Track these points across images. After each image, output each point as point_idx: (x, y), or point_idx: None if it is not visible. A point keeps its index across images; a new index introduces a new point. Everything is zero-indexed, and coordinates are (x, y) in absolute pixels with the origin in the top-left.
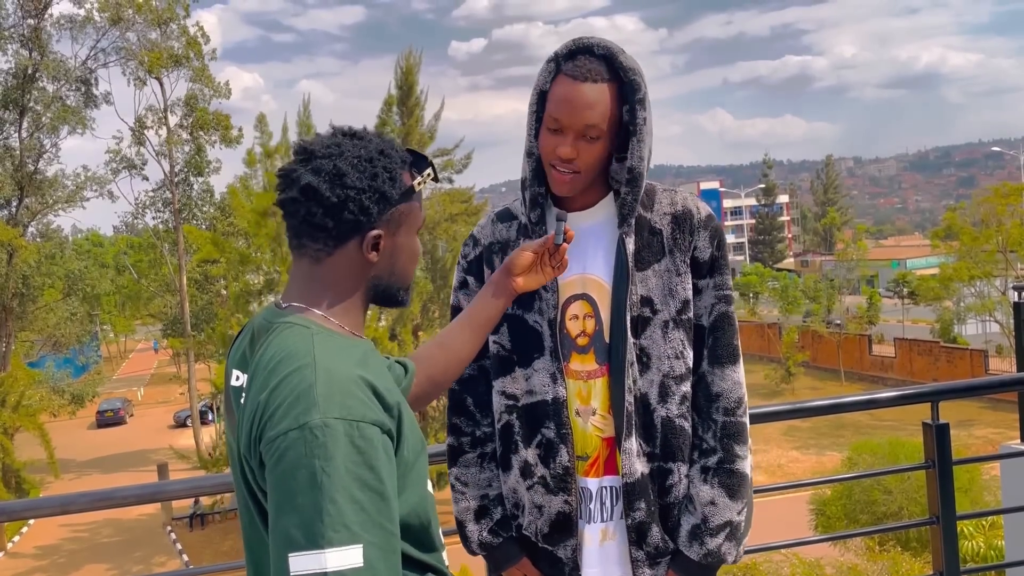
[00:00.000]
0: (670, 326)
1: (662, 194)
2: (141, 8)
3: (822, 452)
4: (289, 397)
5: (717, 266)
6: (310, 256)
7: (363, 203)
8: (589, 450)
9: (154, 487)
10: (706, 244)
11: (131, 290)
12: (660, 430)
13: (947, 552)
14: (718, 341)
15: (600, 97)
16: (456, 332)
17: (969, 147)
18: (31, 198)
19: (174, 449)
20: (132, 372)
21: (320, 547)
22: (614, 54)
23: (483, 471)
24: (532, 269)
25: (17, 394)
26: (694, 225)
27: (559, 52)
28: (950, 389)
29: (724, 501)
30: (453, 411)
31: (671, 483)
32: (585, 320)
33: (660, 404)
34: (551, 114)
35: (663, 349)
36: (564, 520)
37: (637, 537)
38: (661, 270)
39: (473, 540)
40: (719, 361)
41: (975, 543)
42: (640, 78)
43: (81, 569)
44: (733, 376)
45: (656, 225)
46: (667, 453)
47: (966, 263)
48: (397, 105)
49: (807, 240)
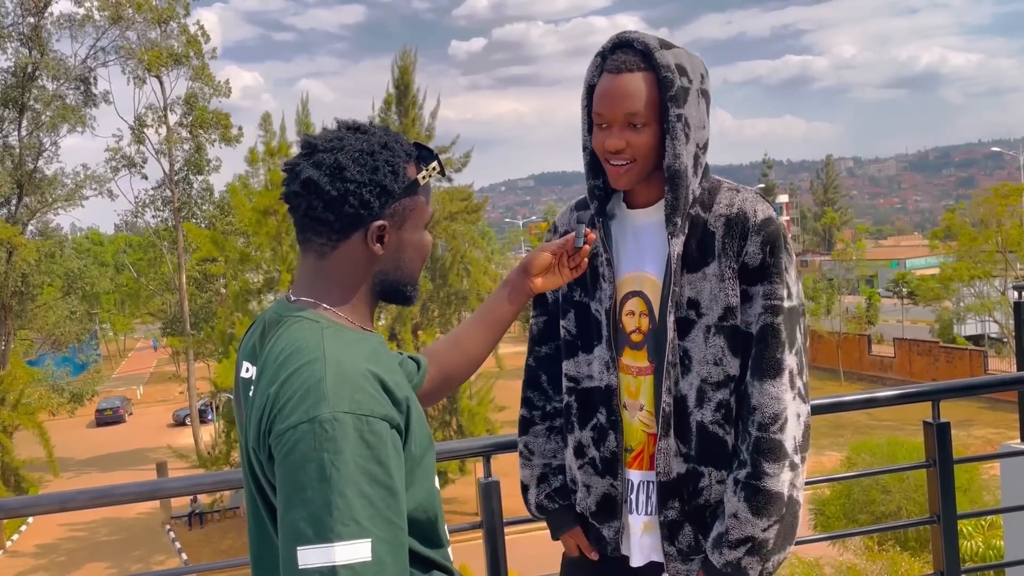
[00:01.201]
0: (712, 331)
1: (724, 194)
2: (141, 7)
3: (821, 452)
4: (299, 391)
5: (767, 274)
6: (315, 250)
7: (363, 196)
8: (634, 443)
9: (152, 485)
10: (757, 250)
11: (131, 288)
12: (695, 434)
13: (947, 551)
14: (761, 353)
15: (637, 85)
16: (471, 330)
17: (969, 147)
18: (30, 196)
19: (172, 448)
20: (131, 371)
21: (329, 541)
22: (651, 49)
23: (549, 442)
24: (550, 270)
25: (16, 392)
26: (747, 229)
27: (604, 47)
28: (951, 388)
29: (746, 516)
30: (528, 385)
31: (702, 486)
32: (640, 317)
33: (696, 408)
34: (596, 111)
35: (704, 354)
36: (609, 502)
37: (669, 533)
38: (710, 273)
39: (532, 503)
40: (759, 374)
41: (974, 543)
42: (674, 74)
43: (80, 568)
44: (772, 391)
45: (711, 227)
46: (701, 456)
47: (965, 263)
48: (395, 104)
49: (807, 240)
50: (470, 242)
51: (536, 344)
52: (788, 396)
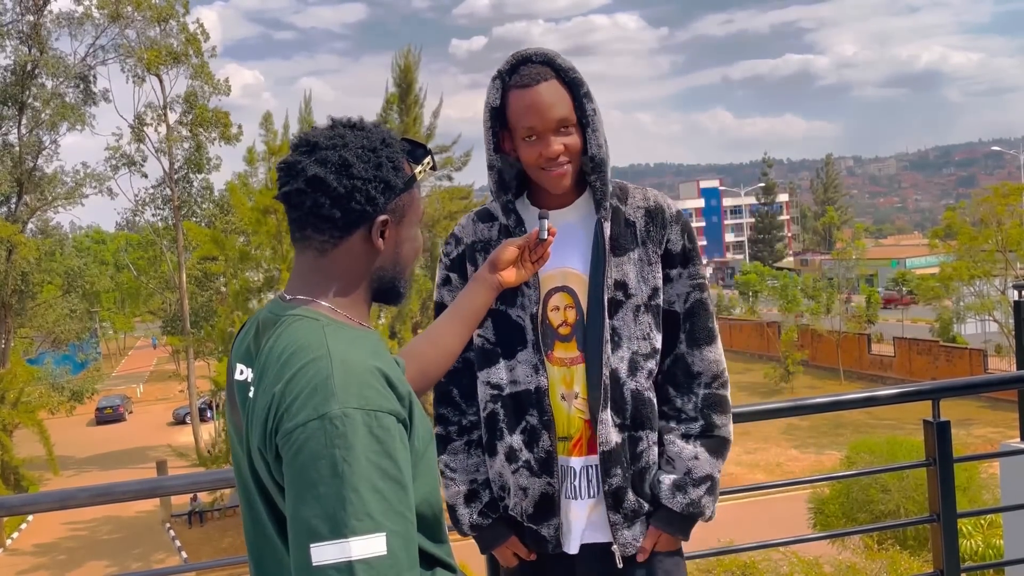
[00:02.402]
0: (641, 310)
1: (635, 190)
2: (140, 5)
3: (821, 451)
4: (307, 388)
5: (690, 257)
6: (315, 248)
7: (369, 193)
8: (572, 431)
9: (152, 483)
10: (678, 237)
11: (131, 287)
12: (630, 402)
13: (947, 550)
14: (695, 325)
15: (557, 91)
16: (444, 327)
17: (969, 146)
18: (30, 195)
19: (172, 448)
20: (131, 369)
21: (344, 536)
22: (551, 58)
23: (470, 457)
24: (515, 264)
25: (16, 391)
26: (666, 220)
27: (502, 69)
28: (951, 387)
29: (706, 457)
30: (440, 402)
31: (641, 449)
32: (566, 311)
33: (630, 378)
34: (523, 125)
35: (633, 330)
36: (547, 500)
37: (614, 502)
38: (635, 258)
39: (464, 522)
40: (697, 343)
41: (973, 541)
42: (579, 75)
43: (81, 566)
44: (711, 355)
45: (630, 217)
46: (636, 423)
47: (965, 262)
48: (397, 103)
49: (807, 239)
50: None
51: None
52: (723, 358)
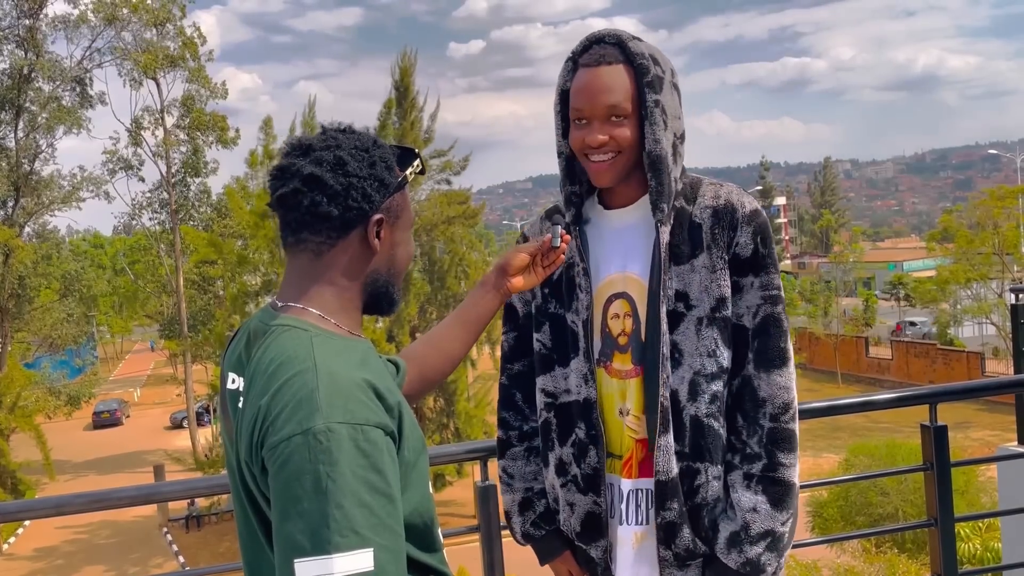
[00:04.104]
0: (704, 323)
1: (707, 187)
2: (136, 8)
3: (819, 454)
4: (291, 402)
5: (762, 264)
6: (311, 251)
7: (365, 190)
8: (624, 450)
9: (149, 488)
10: (748, 240)
11: (128, 291)
12: (689, 429)
13: (945, 554)
14: (765, 344)
15: (617, 77)
16: (447, 330)
17: (966, 150)
18: (27, 198)
19: (168, 453)
20: (129, 373)
21: (327, 552)
22: (624, 40)
23: (529, 464)
24: (527, 270)
25: (13, 395)
26: (736, 220)
27: (575, 50)
28: (949, 391)
29: (766, 509)
30: (503, 405)
31: (699, 483)
32: (625, 319)
33: (690, 402)
34: (574, 107)
35: (696, 346)
36: (594, 520)
37: (666, 536)
38: (699, 265)
39: (517, 531)
40: (766, 365)
41: (971, 545)
42: (649, 62)
43: (78, 571)
44: (780, 380)
45: (696, 219)
46: (696, 453)
47: (962, 265)
48: (395, 107)
49: (804, 242)
50: (468, 245)
51: (508, 362)
52: (794, 385)
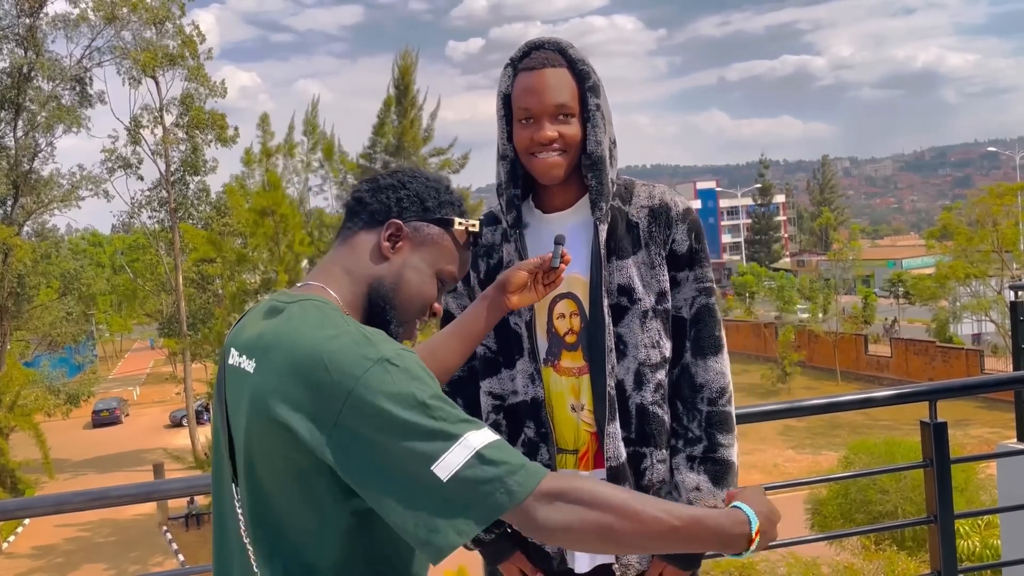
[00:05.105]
0: (648, 316)
1: (640, 188)
2: (136, 7)
3: (818, 452)
4: (348, 344)
5: (696, 259)
6: (343, 233)
7: (402, 199)
8: (580, 444)
9: (149, 486)
10: (684, 237)
11: (127, 289)
12: (635, 417)
13: (944, 551)
14: (700, 332)
15: (562, 78)
16: (445, 342)
17: (965, 147)
18: (26, 197)
19: (167, 451)
20: (128, 372)
21: (456, 439)
22: (563, 47)
23: None
24: (526, 287)
25: (12, 394)
26: (671, 218)
27: (514, 56)
28: (948, 388)
29: (708, 487)
30: None
31: (645, 467)
32: (571, 318)
33: (635, 391)
34: (520, 107)
35: (640, 338)
36: None
37: None
38: (639, 261)
39: None
40: (702, 352)
41: (971, 542)
42: (589, 67)
43: (78, 569)
44: (716, 366)
45: (633, 218)
46: (642, 439)
47: (961, 263)
48: (394, 105)
49: (803, 240)
50: None
51: None
52: (728, 370)
